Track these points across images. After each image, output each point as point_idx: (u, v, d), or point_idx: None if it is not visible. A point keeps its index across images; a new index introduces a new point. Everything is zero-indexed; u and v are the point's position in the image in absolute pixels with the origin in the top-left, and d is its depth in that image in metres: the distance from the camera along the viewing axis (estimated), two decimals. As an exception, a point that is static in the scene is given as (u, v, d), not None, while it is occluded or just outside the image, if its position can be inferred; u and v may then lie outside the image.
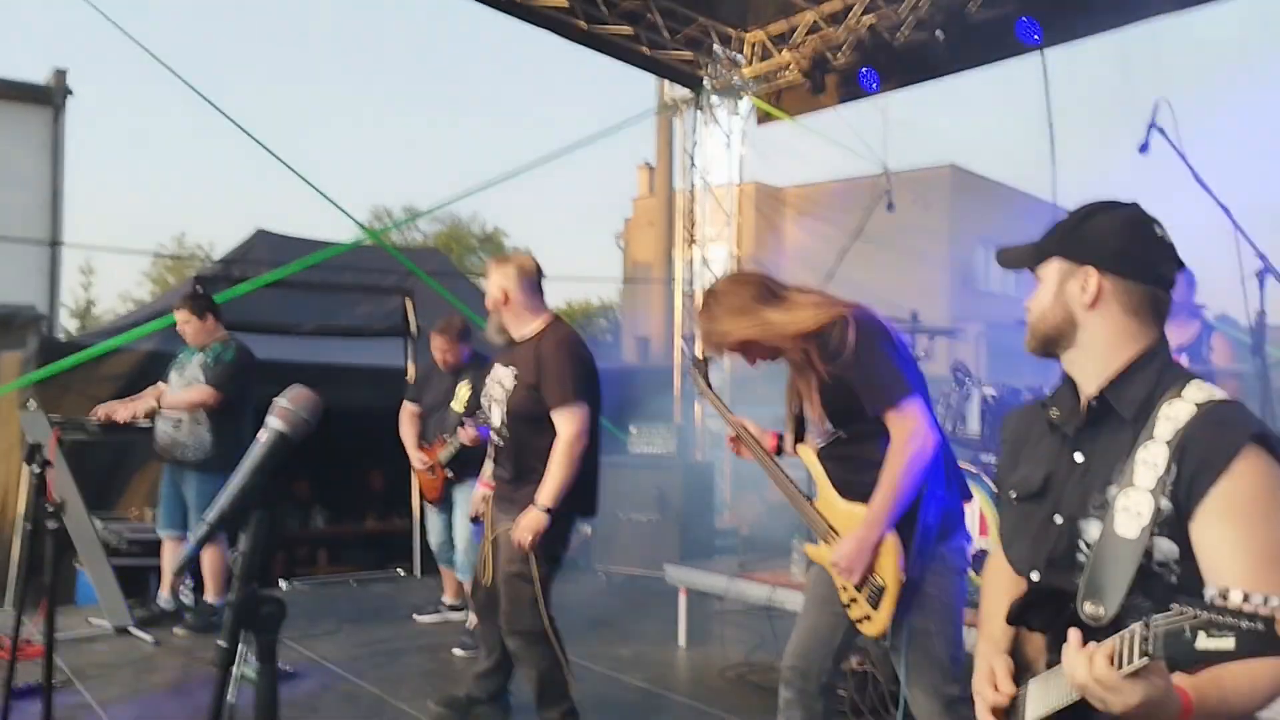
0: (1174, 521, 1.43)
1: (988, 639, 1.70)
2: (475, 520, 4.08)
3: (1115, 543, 1.45)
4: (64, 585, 5.65)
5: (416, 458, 5.37)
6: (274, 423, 1.62)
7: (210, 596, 5.27)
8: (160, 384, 5.37)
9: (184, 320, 5.32)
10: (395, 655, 4.91)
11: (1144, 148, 3.85)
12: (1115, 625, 1.37)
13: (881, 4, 7.47)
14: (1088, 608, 1.42)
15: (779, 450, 2.90)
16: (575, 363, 3.50)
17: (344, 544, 8.43)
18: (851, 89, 7.90)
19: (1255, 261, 3.81)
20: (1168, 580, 1.44)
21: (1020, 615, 1.51)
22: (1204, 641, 1.10)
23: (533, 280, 3.63)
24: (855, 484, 2.54)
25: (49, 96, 15.05)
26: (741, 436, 2.89)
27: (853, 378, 2.47)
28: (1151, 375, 1.54)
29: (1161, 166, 3.76)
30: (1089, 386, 1.59)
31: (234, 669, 1.48)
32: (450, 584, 5.62)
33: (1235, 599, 1.09)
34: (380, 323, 7.68)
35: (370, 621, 5.61)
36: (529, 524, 3.40)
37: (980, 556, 4.12)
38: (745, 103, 9.02)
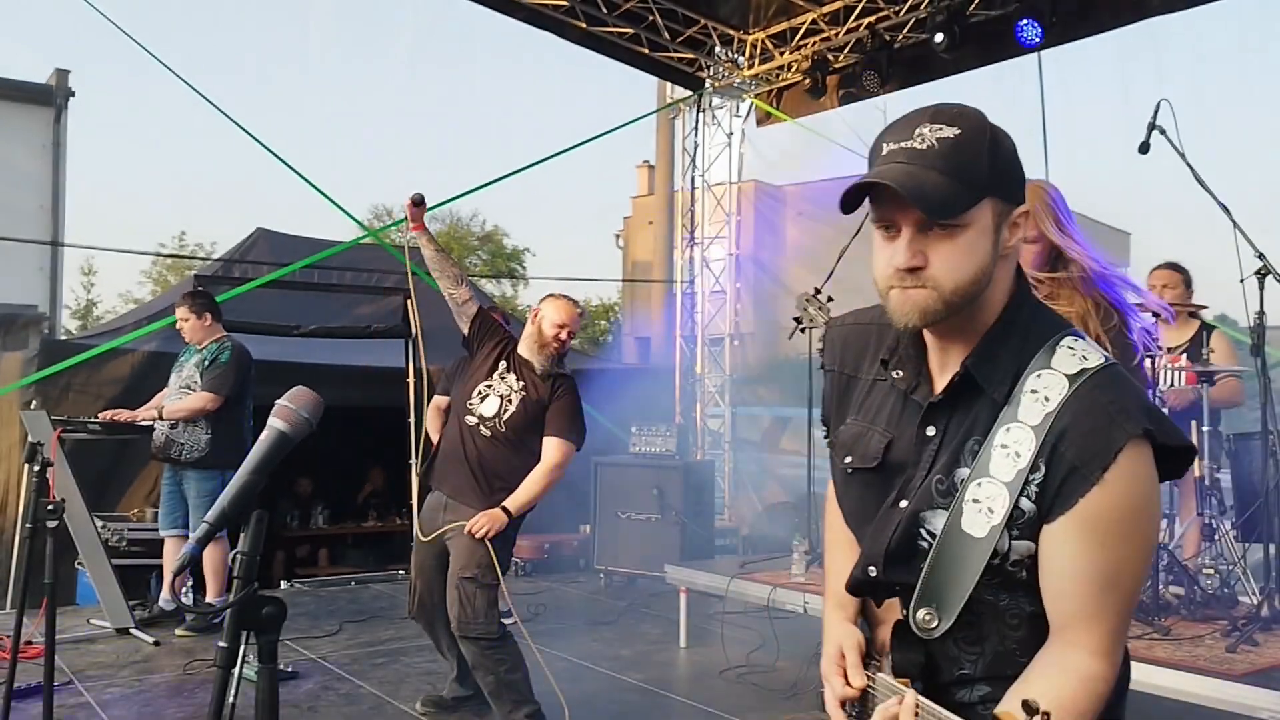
0: (1033, 523, 1.23)
1: (834, 601, 1.50)
2: None
3: (960, 540, 1.25)
4: (64, 586, 5.66)
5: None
6: (275, 422, 1.62)
7: (211, 597, 5.28)
8: (165, 390, 5.40)
9: (182, 318, 5.35)
10: (395, 655, 4.91)
11: (1144, 148, 3.84)
12: (951, 634, 1.27)
13: (882, 5, 7.48)
14: (921, 615, 1.26)
15: None
16: (581, 412, 3.84)
17: (344, 544, 8.45)
18: (851, 89, 7.91)
19: (1255, 261, 3.81)
20: (1018, 576, 1.26)
21: (859, 590, 1.38)
22: None
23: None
24: None
25: (50, 97, 15.06)
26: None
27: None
28: (1018, 338, 1.29)
29: (1160, 166, 3.76)
30: (954, 352, 1.32)
31: (235, 669, 1.48)
32: None
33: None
34: (380, 323, 7.68)
35: (370, 621, 5.61)
36: (491, 519, 3.55)
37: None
38: (746, 103, 9.04)
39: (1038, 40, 6.61)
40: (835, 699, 1.41)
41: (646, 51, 8.31)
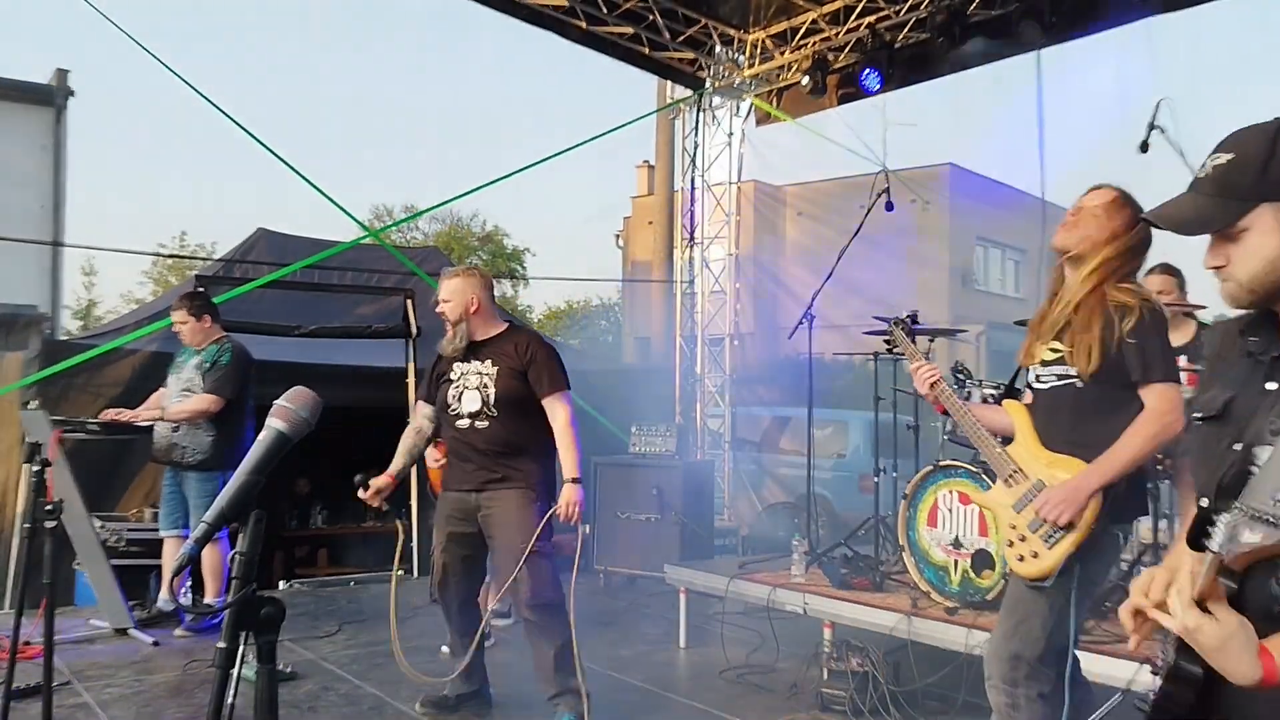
0: None
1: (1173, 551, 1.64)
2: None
3: None
4: (63, 586, 5.66)
5: (429, 454, 5.29)
6: (275, 422, 1.62)
7: (209, 597, 5.27)
8: (162, 389, 5.39)
9: (181, 321, 5.32)
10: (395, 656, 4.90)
11: (1144, 147, 3.85)
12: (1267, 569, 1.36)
13: (882, 4, 7.48)
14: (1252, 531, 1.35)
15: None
16: (557, 357, 3.91)
17: (344, 544, 8.44)
18: (851, 89, 7.91)
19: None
20: None
21: (1194, 542, 1.44)
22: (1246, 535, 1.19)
23: (491, 288, 4.01)
24: (1061, 439, 2.69)
25: (51, 97, 15.06)
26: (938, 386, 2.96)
27: (1139, 344, 2.60)
28: None
29: (1158, 163, 3.76)
30: None
31: (234, 670, 1.48)
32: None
33: None
34: (380, 323, 7.68)
35: (370, 621, 5.60)
36: (570, 502, 3.74)
37: (980, 555, 4.13)
38: (746, 103, 9.03)
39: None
40: (1129, 607, 1.53)
41: (646, 51, 8.31)
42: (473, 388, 3.82)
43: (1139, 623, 1.52)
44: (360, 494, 3.89)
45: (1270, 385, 1.53)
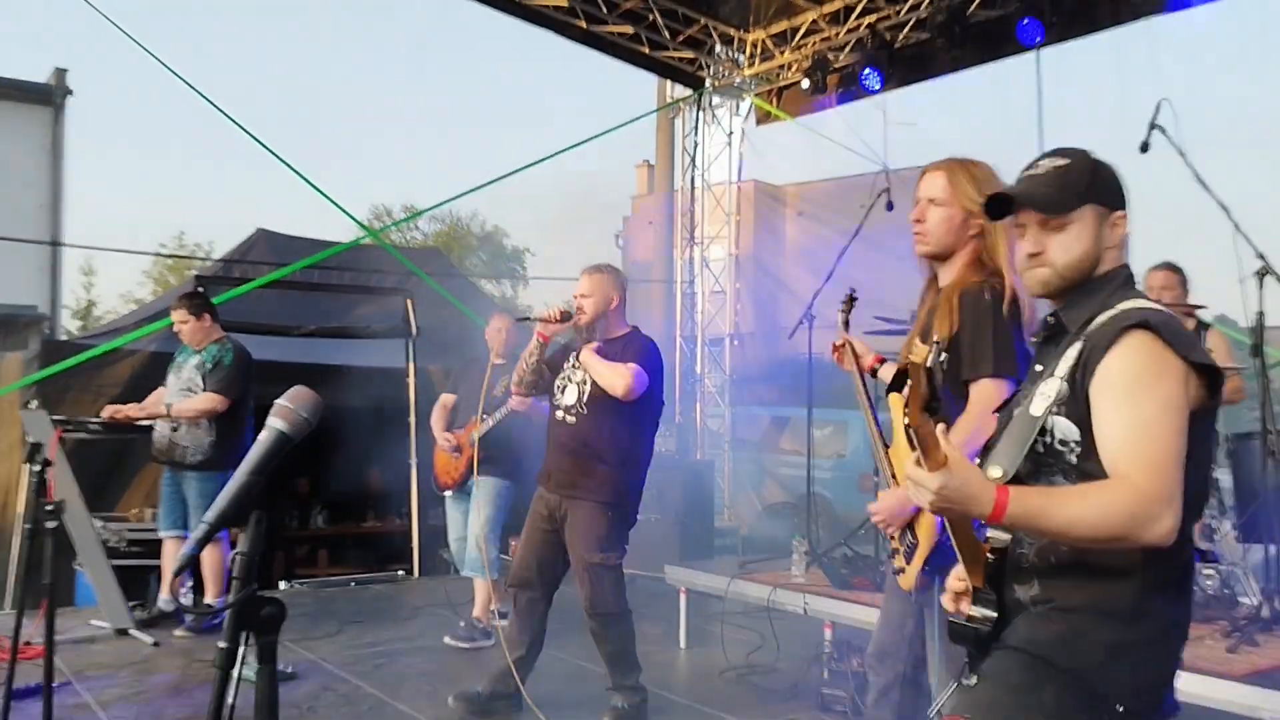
0: (1069, 401, 1.62)
1: None
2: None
3: (1024, 419, 1.66)
4: (64, 586, 5.66)
5: (443, 438, 5.27)
6: (275, 422, 1.62)
7: (210, 598, 5.27)
8: (161, 389, 5.38)
9: (180, 320, 5.31)
10: (395, 656, 4.91)
11: (1144, 147, 3.84)
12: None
13: (882, 4, 7.48)
14: (991, 470, 1.61)
15: (873, 373, 2.79)
16: (654, 355, 3.91)
17: (344, 544, 8.44)
18: (852, 89, 7.91)
19: (1255, 261, 3.81)
20: (1068, 459, 1.62)
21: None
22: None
23: (626, 290, 4.04)
24: None
25: (50, 96, 15.04)
26: (849, 350, 2.75)
27: (969, 334, 2.38)
28: (1102, 295, 1.70)
29: (1160, 165, 3.76)
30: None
31: (234, 670, 1.48)
32: (481, 598, 5.20)
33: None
34: (380, 323, 7.68)
35: (370, 622, 5.60)
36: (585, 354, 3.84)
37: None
38: (746, 102, 9.03)
39: (1039, 39, 6.65)
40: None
41: (646, 51, 8.30)
42: (575, 382, 3.90)
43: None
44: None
45: (1037, 367, 1.78)
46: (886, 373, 2.77)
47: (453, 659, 4.87)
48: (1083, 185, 1.70)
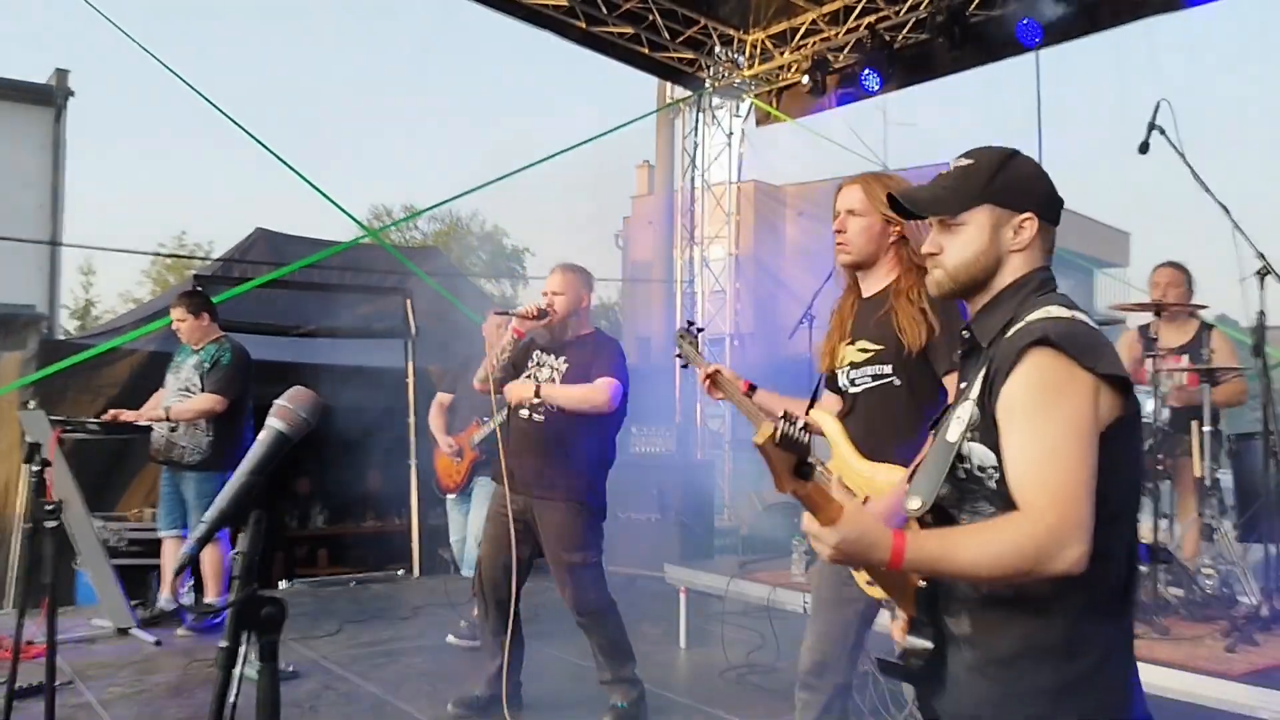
0: (981, 426, 1.54)
1: None
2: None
3: (940, 446, 1.58)
4: (65, 586, 5.66)
5: (444, 441, 5.27)
6: (274, 422, 1.62)
7: (210, 597, 5.27)
8: (161, 390, 5.38)
9: (179, 319, 5.31)
10: (395, 655, 4.91)
11: (1144, 147, 3.84)
12: (933, 516, 1.56)
13: (882, 5, 7.48)
14: (909, 502, 1.56)
15: (749, 394, 2.92)
16: (621, 357, 3.96)
17: (344, 544, 8.44)
18: (851, 89, 7.91)
19: (1255, 261, 3.81)
20: (989, 485, 1.53)
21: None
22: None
23: (593, 290, 4.07)
24: (888, 441, 2.50)
25: (50, 96, 15.05)
26: (718, 379, 2.95)
27: (944, 333, 2.45)
28: (1013, 304, 1.63)
29: (1160, 166, 3.76)
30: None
31: (235, 669, 1.48)
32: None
33: None
34: (380, 323, 7.68)
35: (370, 621, 5.61)
36: (519, 391, 3.81)
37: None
38: (746, 103, 9.03)
39: (1038, 40, 6.65)
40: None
41: (646, 51, 8.30)
42: (542, 380, 3.86)
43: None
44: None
45: (962, 384, 1.70)
46: (762, 397, 2.92)
47: (453, 658, 4.87)
48: (978, 186, 1.65)
